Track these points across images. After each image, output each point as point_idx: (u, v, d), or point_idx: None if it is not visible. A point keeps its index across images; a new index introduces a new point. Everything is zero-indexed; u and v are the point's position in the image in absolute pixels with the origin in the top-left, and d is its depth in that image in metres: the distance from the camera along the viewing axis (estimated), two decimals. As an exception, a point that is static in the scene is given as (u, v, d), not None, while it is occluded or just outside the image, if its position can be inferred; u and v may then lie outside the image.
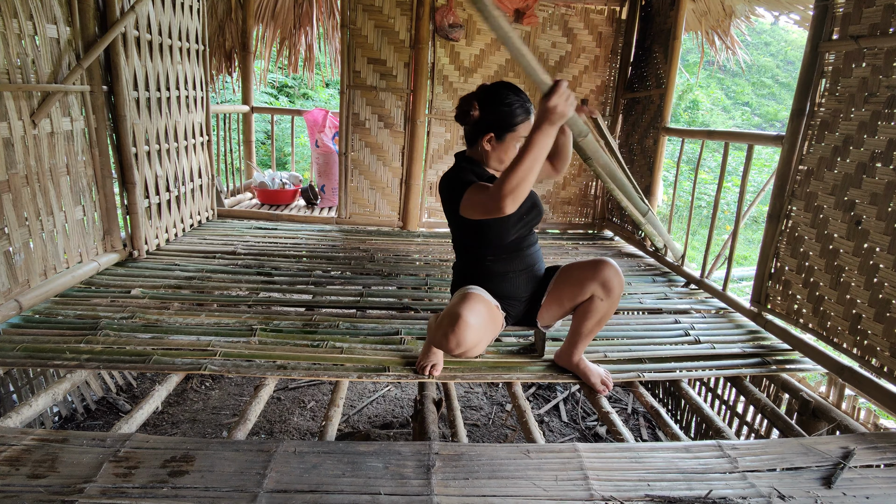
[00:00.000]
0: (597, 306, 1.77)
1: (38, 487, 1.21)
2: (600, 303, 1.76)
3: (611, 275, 1.73)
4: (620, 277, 1.75)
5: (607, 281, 1.73)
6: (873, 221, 1.87)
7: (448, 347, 1.60)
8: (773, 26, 13.74)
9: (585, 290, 1.76)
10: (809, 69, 2.17)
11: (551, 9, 3.83)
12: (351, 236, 3.66)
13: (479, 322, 1.62)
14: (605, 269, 1.74)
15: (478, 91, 1.70)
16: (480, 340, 1.65)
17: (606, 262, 1.75)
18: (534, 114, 1.60)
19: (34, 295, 2.16)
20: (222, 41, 4.62)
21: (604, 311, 1.78)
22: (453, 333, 1.57)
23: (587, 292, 1.76)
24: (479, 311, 1.65)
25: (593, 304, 1.77)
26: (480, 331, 1.64)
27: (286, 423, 2.52)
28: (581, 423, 2.66)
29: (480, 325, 1.63)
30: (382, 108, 3.77)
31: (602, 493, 1.28)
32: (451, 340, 1.58)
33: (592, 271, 1.75)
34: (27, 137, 2.10)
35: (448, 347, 1.60)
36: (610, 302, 1.77)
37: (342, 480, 1.28)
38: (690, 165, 7.36)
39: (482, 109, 1.67)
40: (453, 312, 1.60)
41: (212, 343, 1.97)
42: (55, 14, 2.23)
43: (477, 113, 1.67)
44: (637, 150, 3.79)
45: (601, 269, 1.74)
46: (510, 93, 1.65)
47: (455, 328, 1.57)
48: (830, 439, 1.57)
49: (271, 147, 6.45)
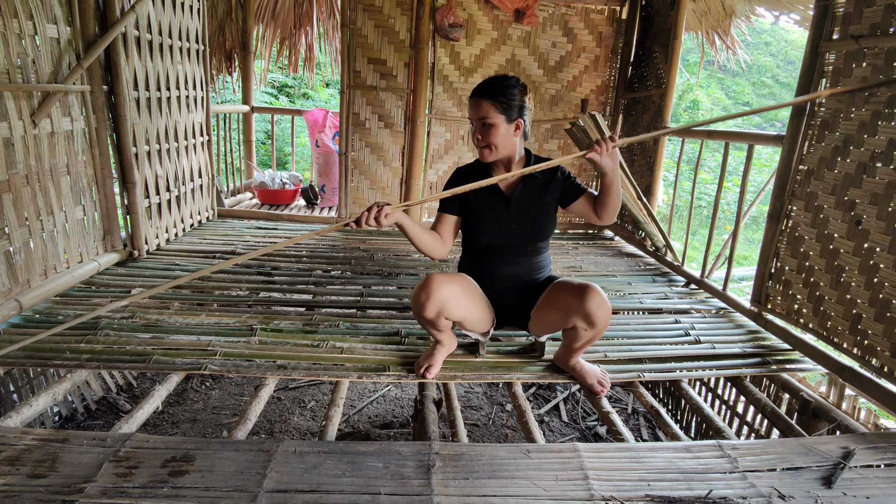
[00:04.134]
0: (581, 335, 1.73)
1: (39, 487, 1.21)
2: (584, 332, 1.71)
3: (594, 307, 1.65)
4: (606, 307, 1.67)
5: (590, 314, 1.65)
6: (873, 221, 1.87)
7: (419, 301, 1.69)
8: (774, 26, 13.74)
9: (569, 320, 1.71)
10: (810, 69, 2.17)
11: (551, 9, 3.83)
12: (351, 236, 3.66)
13: (451, 281, 1.72)
14: (588, 301, 1.65)
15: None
16: (455, 298, 1.71)
17: (591, 293, 1.65)
18: (477, 98, 1.72)
19: (34, 295, 2.16)
20: (222, 41, 4.62)
21: (588, 338, 1.74)
22: (423, 288, 1.68)
23: (570, 322, 1.71)
24: (453, 276, 1.76)
25: (577, 332, 1.72)
26: (454, 289, 1.71)
27: (286, 422, 2.52)
28: (581, 423, 2.66)
29: (454, 284, 1.72)
30: (382, 107, 3.77)
31: (602, 493, 1.28)
32: (422, 294, 1.67)
33: (577, 302, 1.66)
34: (27, 137, 2.10)
35: (419, 301, 1.69)
36: (595, 332, 1.71)
37: (342, 480, 1.28)
38: (690, 165, 7.36)
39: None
40: (424, 278, 1.73)
41: (212, 343, 1.97)
42: (55, 14, 2.23)
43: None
44: (637, 150, 3.79)
45: (585, 300, 1.65)
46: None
47: (424, 283, 1.69)
48: (830, 439, 1.57)
49: (271, 147, 6.45)
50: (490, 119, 1.70)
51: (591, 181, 4.19)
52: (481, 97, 1.70)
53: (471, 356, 2.00)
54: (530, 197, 1.82)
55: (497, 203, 1.82)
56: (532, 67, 3.94)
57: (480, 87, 1.71)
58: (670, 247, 3.26)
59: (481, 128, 1.72)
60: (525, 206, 1.82)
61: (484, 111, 1.70)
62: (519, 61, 3.92)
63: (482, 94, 1.70)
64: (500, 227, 1.81)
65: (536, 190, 1.83)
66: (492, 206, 1.82)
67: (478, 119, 1.71)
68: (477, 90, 1.71)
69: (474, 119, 1.73)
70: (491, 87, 1.70)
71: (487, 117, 1.70)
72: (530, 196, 1.82)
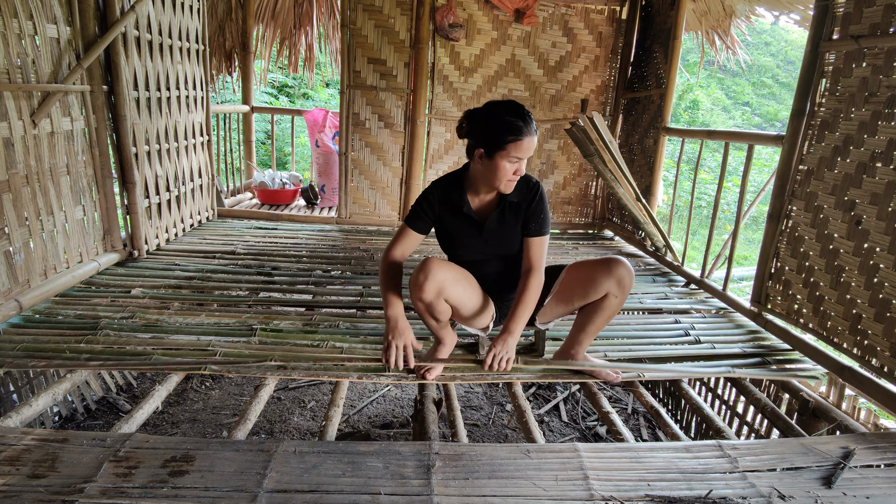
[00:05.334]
0: (610, 303, 1.79)
1: (39, 487, 1.21)
2: (614, 300, 1.78)
3: (625, 273, 1.75)
4: (633, 275, 1.78)
5: (623, 279, 1.75)
6: (873, 221, 1.87)
7: (417, 283, 1.65)
8: (774, 26, 13.74)
9: (600, 288, 1.76)
10: (810, 69, 2.17)
11: (551, 9, 3.83)
12: (351, 236, 3.66)
13: (449, 265, 1.71)
14: (620, 267, 1.75)
15: (482, 106, 1.68)
16: (454, 279, 1.70)
17: (621, 261, 1.77)
18: (534, 136, 1.62)
19: (34, 295, 2.16)
20: (222, 41, 4.62)
21: (615, 307, 1.80)
22: (421, 269, 1.65)
23: (602, 290, 1.77)
24: (450, 262, 1.75)
25: (607, 301, 1.78)
26: (452, 271, 1.70)
27: (286, 423, 2.52)
28: (581, 423, 2.66)
29: (452, 268, 1.71)
30: (382, 107, 3.77)
31: (602, 493, 1.28)
32: (420, 276, 1.64)
33: (608, 269, 1.75)
34: (27, 137, 2.10)
35: (417, 283, 1.65)
36: (622, 299, 1.79)
37: (342, 480, 1.28)
38: (690, 165, 7.36)
39: (470, 125, 1.65)
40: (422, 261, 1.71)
41: (212, 343, 1.97)
42: (55, 14, 2.23)
43: (466, 126, 1.66)
44: (637, 150, 3.79)
45: (617, 267, 1.75)
46: (507, 111, 1.60)
47: (422, 265, 1.66)
48: (830, 439, 1.57)
49: (271, 147, 6.45)
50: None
51: (591, 181, 4.20)
52: (535, 135, 1.64)
53: (471, 356, 1.99)
54: (501, 223, 1.78)
55: (470, 228, 1.78)
56: (532, 67, 3.94)
57: (532, 122, 1.62)
58: (670, 247, 3.26)
59: (519, 163, 1.65)
60: (496, 231, 1.78)
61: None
62: (519, 61, 3.92)
63: (535, 132, 1.64)
64: (473, 249, 1.81)
65: (511, 214, 1.77)
66: (465, 230, 1.78)
67: (527, 157, 1.65)
68: (532, 128, 1.61)
69: (524, 157, 1.63)
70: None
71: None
72: (503, 223, 1.78)
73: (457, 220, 1.78)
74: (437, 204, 1.76)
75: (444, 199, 1.76)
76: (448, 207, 1.76)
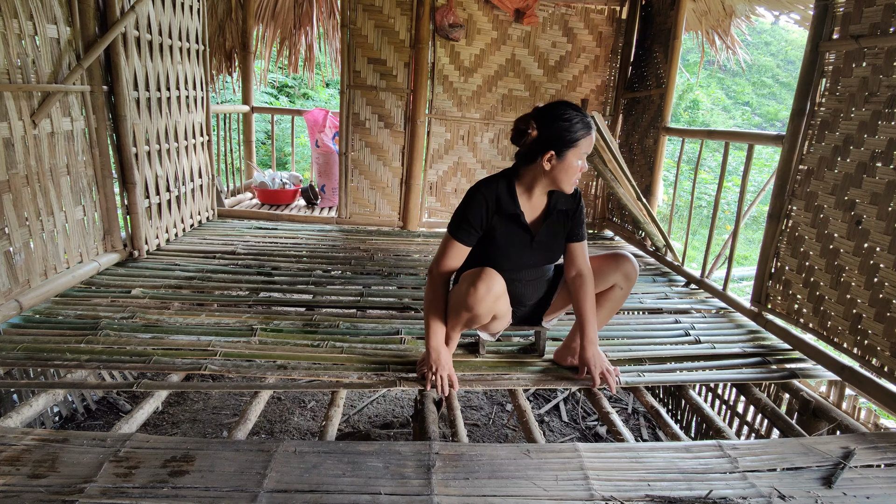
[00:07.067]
0: (615, 294, 1.87)
1: (39, 487, 1.21)
2: (619, 291, 1.86)
3: (631, 267, 1.84)
4: (637, 270, 1.86)
5: (629, 273, 1.84)
6: (873, 221, 1.87)
7: (477, 295, 1.62)
8: (774, 26, 13.73)
9: (608, 279, 1.84)
10: (810, 69, 2.17)
11: (551, 8, 3.83)
12: (351, 236, 3.66)
13: (500, 278, 1.67)
14: (627, 261, 1.83)
15: (534, 111, 1.67)
16: (505, 293, 1.71)
17: (628, 256, 1.85)
18: (594, 129, 1.65)
19: (34, 295, 2.16)
20: (222, 41, 4.62)
21: (619, 299, 1.88)
22: (482, 279, 1.62)
23: (609, 281, 1.85)
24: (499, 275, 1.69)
25: (612, 292, 1.87)
26: (503, 284, 1.68)
27: (286, 423, 2.52)
28: (581, 423, 2.66)
29: (502, 281, 1.68)
30: (382, 107, 3.77)
31: (602, 493, 1.28)
32: (481, 286, 1.61)
33: (616, 262, 1.84)
34: (27, 137, 2.10)
35: (477, 295, 1.62)
36: (626, 291, 1.87)
37: (342, 480, 1.28)
38: (690, 165, 7.36)
39: (540, 127, 1.63)
40: (476, 270, 1.65)
41: (212, 343, 1.97)
42: (55, 14, 2.23)
43: (535, 132, 1.64)
44: (637, 150, 3.79)
45: (624, 261, 1.83)
46: (569, 109, 1.62)
47: (482, 275, 1.62)
48: (831, 439, 1.57)
49: (271, 147, 6.45)
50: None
51: (591, 180, 4.20)
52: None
53: (471, 356, 2.00)
54: (552, 233, 1.79)
55: (523, 239, 1.75)
56: (532, 67, 3.94)
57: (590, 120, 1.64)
58: (670, 247, 3.26)
59: (583, 159, 1.67)
60: (546, 242, 1.79)
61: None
62: (519, 61, 3.92)
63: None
64: (520, 258, 1.78)
65: (559, 223, 1.78)
66: (516, 239, 1.75)
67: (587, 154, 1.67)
68: (590, 124, 1.63)
69: (589, 152, 1.66)
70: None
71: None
72: (552, 232, 1.79)
73: (508, 230, 1.73)
74: (489, 214, 1.69)
75: (498, 208, 1.70)
76: (502, 217, 1.71)
